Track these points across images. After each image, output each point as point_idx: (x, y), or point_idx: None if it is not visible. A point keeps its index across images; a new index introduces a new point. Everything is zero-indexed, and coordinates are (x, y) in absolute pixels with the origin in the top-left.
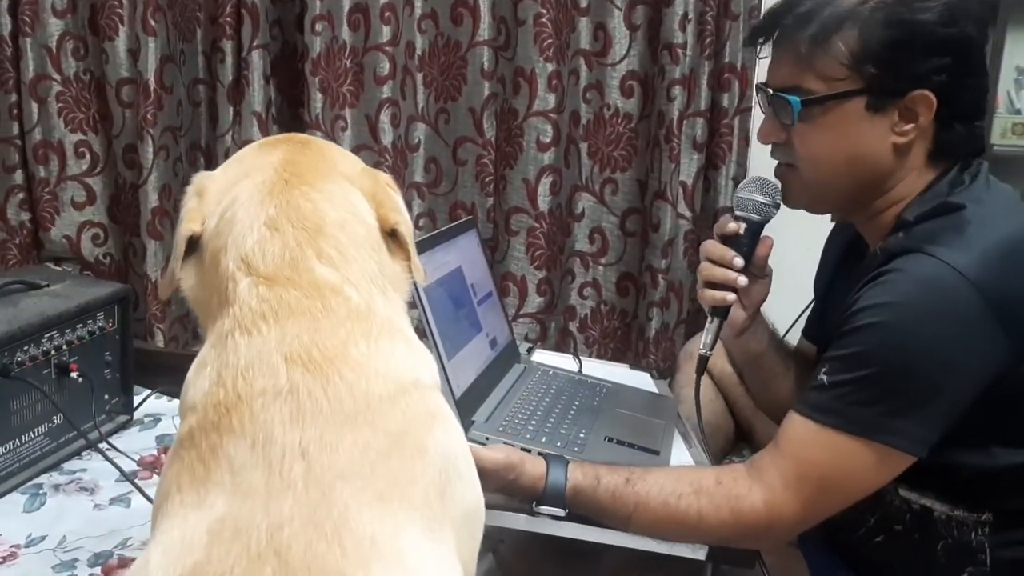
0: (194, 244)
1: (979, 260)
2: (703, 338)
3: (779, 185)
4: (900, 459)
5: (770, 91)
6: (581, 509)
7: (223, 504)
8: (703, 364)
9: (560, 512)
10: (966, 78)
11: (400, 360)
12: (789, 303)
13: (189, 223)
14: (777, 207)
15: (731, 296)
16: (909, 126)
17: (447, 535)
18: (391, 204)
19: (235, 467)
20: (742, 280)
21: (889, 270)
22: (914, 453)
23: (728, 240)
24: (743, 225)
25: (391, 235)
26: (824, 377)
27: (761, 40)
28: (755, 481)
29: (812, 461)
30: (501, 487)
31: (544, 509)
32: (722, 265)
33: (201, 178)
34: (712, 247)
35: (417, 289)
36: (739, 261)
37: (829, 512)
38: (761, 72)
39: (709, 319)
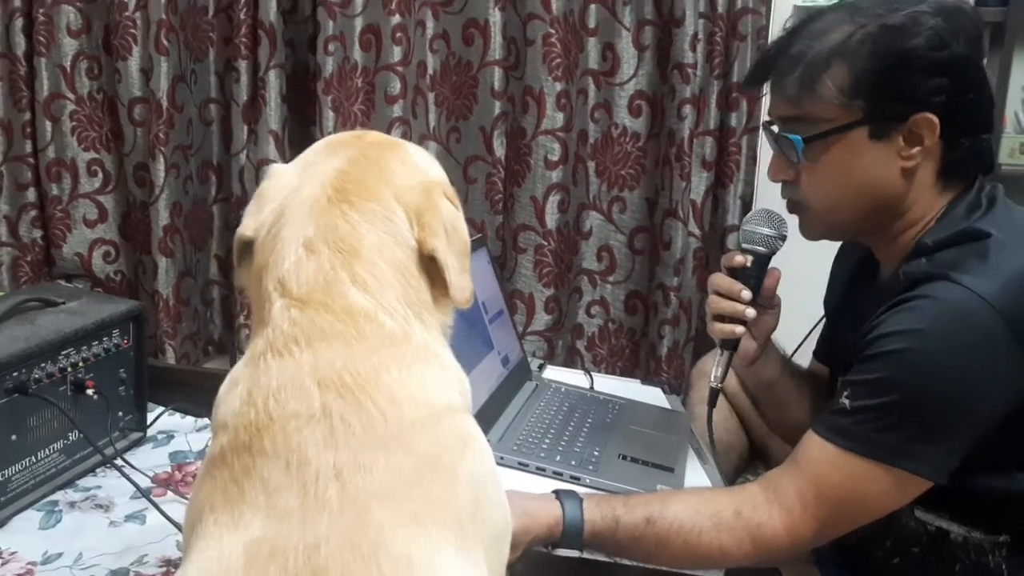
0: (249, 245)
1: (1005, 288)
2: (713, 371)
3: (784, 218)
4: (919, 484)
5: (775, 129)
6: (599, 550)
7: (259, 525)
8: (714, 397)
9: (577, 553)
10: (966, 95)
11: (433, 385)
12: (798, 321)
13: (243, 229)
14: (783, 239)
15: (740, 329)
16: (915, 149)
17: (480, 556)
18: (433, 227)
19: (269, 488)
20: (750, 312)
21: (914, 296)
22: (933, 479)
23: (735, 273)
24: (750, 258)
25: (431, 259)
26: (846, 401)
27: (758, 84)
28: (773, 505)
29: (831, 483)
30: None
31: (561, 552)
32: (730, 298)
33: (269, 177)
34: (720, 280)
35: None
36: (747, 294)
37: (845, 530)
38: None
39: (719, 352)
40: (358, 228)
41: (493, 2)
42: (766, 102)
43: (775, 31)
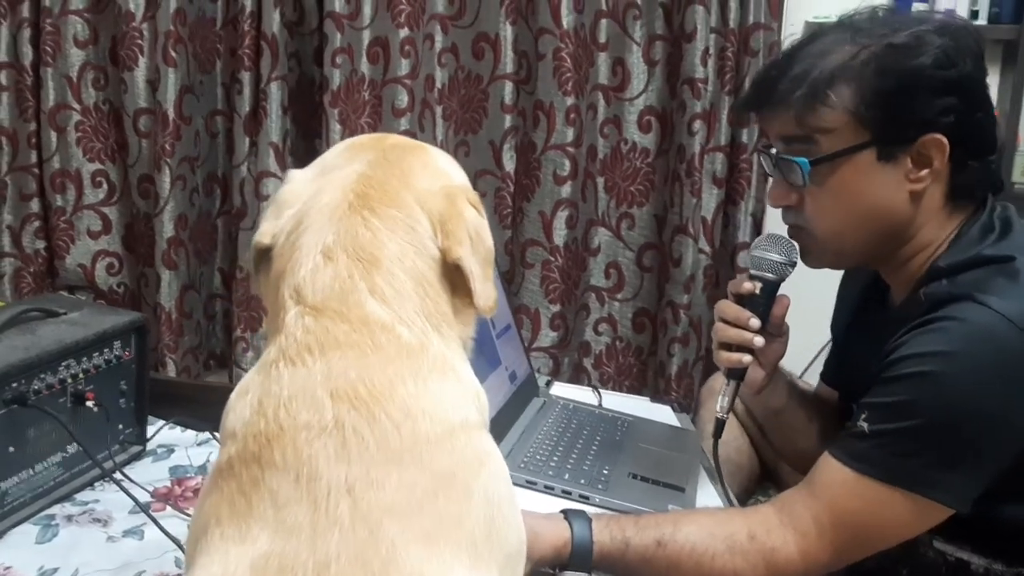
0: (267, 252)
1: None
2: (720, 401)
3: (794, 243)
4: (939, 512)
5: (775, 153)
6: (608, 572)
7: (266, 540)
8: (720, 427)
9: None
10: (974, 114)
11: (449, 400)
12: (804, 345)
13: (260, 236)
14: (793, 265)
15: (747, 358)
16: (924, 171)
17: None
18: (458, 235)
19: (279, 502)
20: (759, 341)
21: (939, 317)
22: (955, 507)
23: (743, 300)
24: (759, 285)
25: (455, 268)
26: (864, 424)
27: (757, 107)
28: (788, 528)
29: (848, 509)
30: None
31: (569, 574)
32: (738, 326)
33: (287, 182)
34: (727, 307)
35: None
36: (755, 322)
37: (861, 556)
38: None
39: (726, 381)
40: (379, 236)
41: (504, 16)
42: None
43: (786, 47)
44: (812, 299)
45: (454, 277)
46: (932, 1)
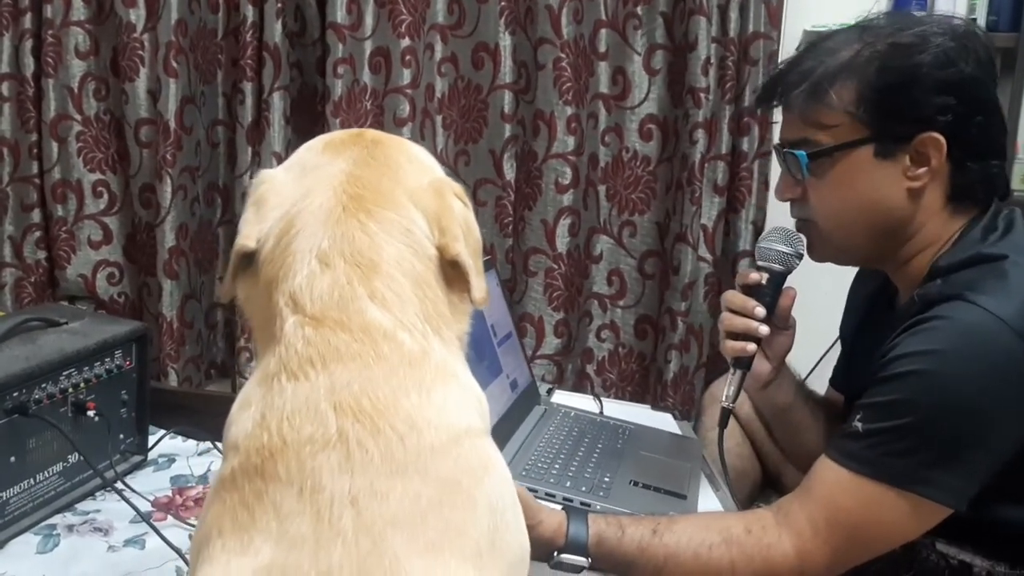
0: (250, 257)
1: (1022, 308)
2: (725, 390)
3: (801, 236)
4: (936, 511)
5: (781, 148)
6: (606, 561)
7: (269, 551)
8: (726, 417)
9: (583, 561)
10: (974, 116)
11: (452, 408)
12: (816, 348)
13: (244, 239)
14: (800, 257)
15: (751, 346)
16: (921, 170)
17: None
18: (453, 231)
19: (282, 514)
20: (763, 329)
21: (930, 317)
22: (951, 506)
23: (750, 290)
24: (765, 275)
25: (452, 265)
26: (859, 424)
27: (769, 101)
28: (784, 528)
29: (844, 509)
30: None
31: (566, 558)
32: (743, 315)
33: (263, 182)
34: (733, 297)
35: None
36: (760, 311)
37: (860, 560)
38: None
39: (732, 371)
40: (376, 239)
41: (504, 26)
42: (778, 127)
43: (786, 55)
44: (823, 302)
45: (448, 274)
46: (929, 8)
